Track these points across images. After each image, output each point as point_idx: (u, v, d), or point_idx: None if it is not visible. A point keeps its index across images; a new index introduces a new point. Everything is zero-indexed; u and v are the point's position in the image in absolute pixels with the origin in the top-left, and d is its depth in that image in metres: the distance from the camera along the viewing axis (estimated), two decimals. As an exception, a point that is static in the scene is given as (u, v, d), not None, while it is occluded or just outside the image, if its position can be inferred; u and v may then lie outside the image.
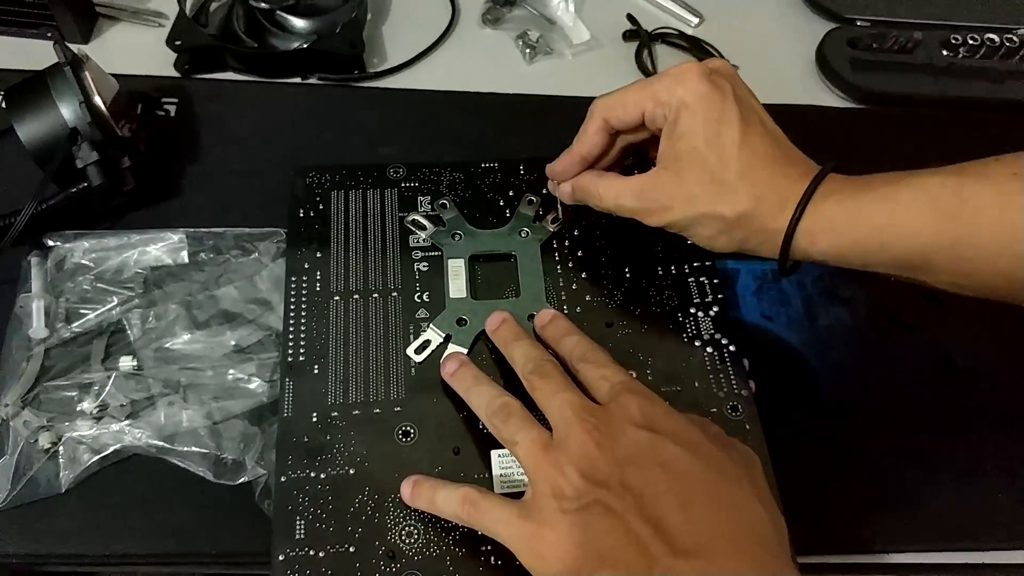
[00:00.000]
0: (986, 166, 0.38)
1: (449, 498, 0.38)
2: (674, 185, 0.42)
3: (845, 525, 0.45)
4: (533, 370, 0.40)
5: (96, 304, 0.47)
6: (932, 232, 0.38)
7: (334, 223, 0.49)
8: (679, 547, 0.32)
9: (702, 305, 0.47)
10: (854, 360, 0.51)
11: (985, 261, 0.37)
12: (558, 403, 0.37)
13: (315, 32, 0.61)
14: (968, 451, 0.47)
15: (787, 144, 0.42)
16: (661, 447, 0.35)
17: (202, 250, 0.50)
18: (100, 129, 0.48)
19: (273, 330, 0.47)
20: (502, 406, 0.38)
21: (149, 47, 0.60)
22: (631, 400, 0.36)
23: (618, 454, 0.34)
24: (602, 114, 0.44)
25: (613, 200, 0.44)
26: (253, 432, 0.44)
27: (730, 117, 0.41)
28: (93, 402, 0.44)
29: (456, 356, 0.43)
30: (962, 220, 0.37)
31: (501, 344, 0.43)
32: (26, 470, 0.42)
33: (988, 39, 0.65)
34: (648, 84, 0.43)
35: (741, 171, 0.40)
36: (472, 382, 0.41)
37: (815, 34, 0.67)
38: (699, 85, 0.41)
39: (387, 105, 0.60)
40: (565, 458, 0.35)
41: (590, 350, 0.41)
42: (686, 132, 0.41)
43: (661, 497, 0.33)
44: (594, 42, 0.66)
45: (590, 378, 0.39)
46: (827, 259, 0.41)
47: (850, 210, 0.39)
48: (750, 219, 0.41)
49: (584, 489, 0.34)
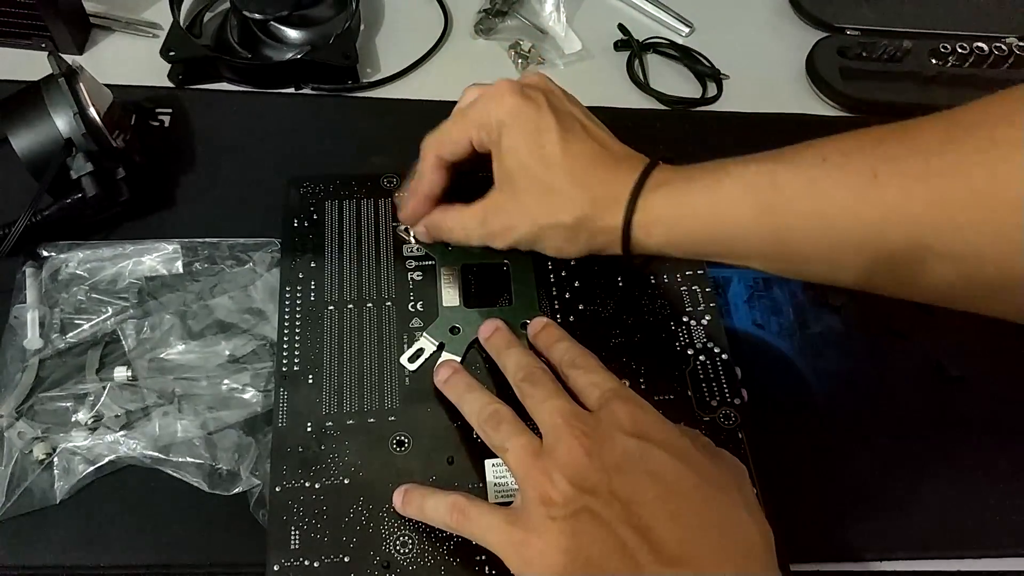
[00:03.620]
0: (798, 152, 0.38)
1: (438, 506, 0.38)
2: (512, 204, 0.43)
3: (836, 533, 0.45)
4: (524, 377, 0.40)
5: (91, 315, 0.47)
6: (752, 222, 0.39)
7: (328, 233, 0.49)
8: (666, 555, 0.32)
9: (694, 314, 0.48)
10: (845, 368, 0.51)
11: (804, 249, 0.38)
12: (548, 410, 0.37)
13: (309, 43, 0.61)
14: (959, 459, 0.48)
15: (614, 143, 0.43)
16: (650, 455, 0.35)
17: (196, 260, 0.50)
18: (95, 140, 0.48)
19: (267, 340, 0.47)
20: (493, 413, 0.39)
21: (143, 57, 0.60)
22: (621, 407, 0.36)
23: (607, 461, 0.34)
24: (433, 152, 0.45)
25: (461, 232, 0.46)
26: (248, 442, 0.44)
27: (548, 126, 0.42)
28: (88, 413, 0.44)
29: (449, 364, 0.43)
30: (777, 209, 0.38)
31: (494, 352, 0.43)
32: (20, 481, 0.42)
33: (977, 47, 0.66)
34: (467, 112, 0.44)
35: (570, 177, 0.41)
36: (464, 389, 0.41)
37: (805, 43, 0.68)
38: (512, 101, 0.42)
39: (381, 115, 0.60)
40: (554, 465, 0.35)
41: (580, 356, 0.41)
42: (510, 149, 0.42)
43: (649, 505, 0.33)
44: (585, 52, 0.67)
45: (580, 384, 0.39)
46: (664, 250, 0.42)
47: (677, 202, 0.40)
48: (589, 221, 0.42)
49: (572, 496, 0.34)
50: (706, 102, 0.65)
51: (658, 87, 0.65)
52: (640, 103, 0.64)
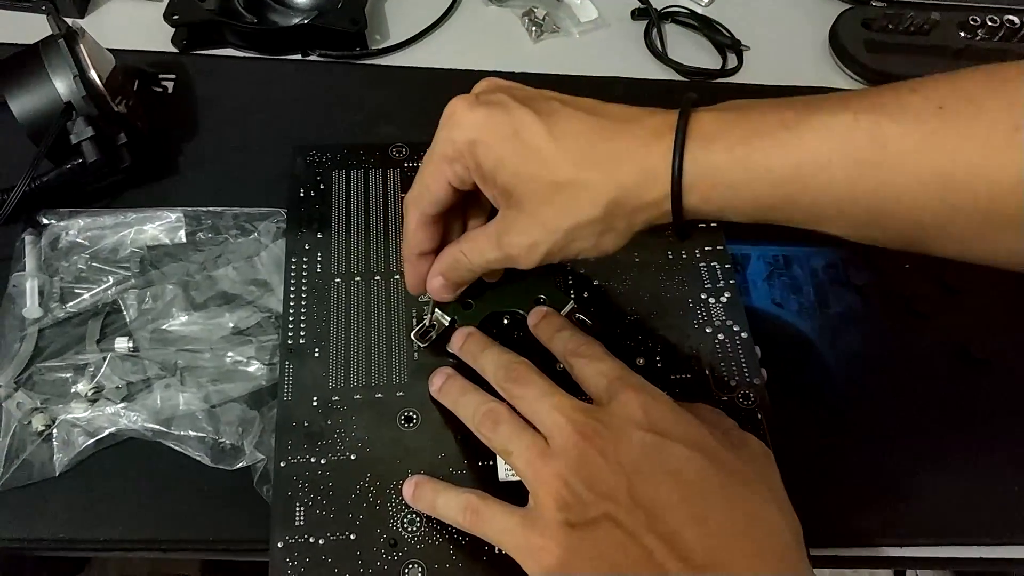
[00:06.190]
0: (900, 96, 0.32)
1: (450, 503, 0.36)
2: (523, 218, 0.36)
3: (855, 517, 0.43)
4: (505, 377, 0.38)
5: (91, 284, 0.46)
6: (846, 183, 0.32)
7: (335, 203, 0.48)
8: (695, 562, 0.30)
9: (713, 291, 0.46)
10: (866, 349, 0.49)
11: (908, 213, 0.32)
12: (546, 409, 0.35)
13: (316, 8, 0.60)
14: (983, 443, 0.46)
15: (607, 107, 0.36)
16: (669, 451, 0.33)
17: (200, 230, 0.49)
18: (95, 104, 0.47)
19: (272, 312, 0.46)
20: (487, 413, 0.37)
21: (146, 22, 0.59)
22: (633, 398, 0.35)
23: (623, 461, 0.33)
24: (413, 210, 0.39)
25: (480, 258, 0.39)
26: (252, 416, 0.43)
27: (523, 122, 0.35)
28: (88, 384, 0.43)
29: (442, 370, 0.41)
30: (883, 167, 0.31)
31: (470, 359, 0.41)
32: (19, 453, 0.41)
33: (1008, 20, 0.63)
34: (433, 152, 0.37)
35: (573, 163, 0.35)
36: (458, 393, 0.40)
37: (828, 14, 0.66)
38: (473, 117, 0.36)
39: (389, 83, 0.59)
40: (567, 467, 0.33)
41: (584, 344, 0.39)
42: (494, 166, 0.36)
43: (673, 509, 0.32)
44: (602, 20, 0.65)
45: (586, 374, 0.38)
46: (724, 215, 0.35)
47: (742, 160, 0.33)
48: (623, 202, 0.35)
49: (591, 501, 0.32)
50: (726, 74, 0.63)
51: (676, 58, 0.63)
52: (657, 74, 0.63)
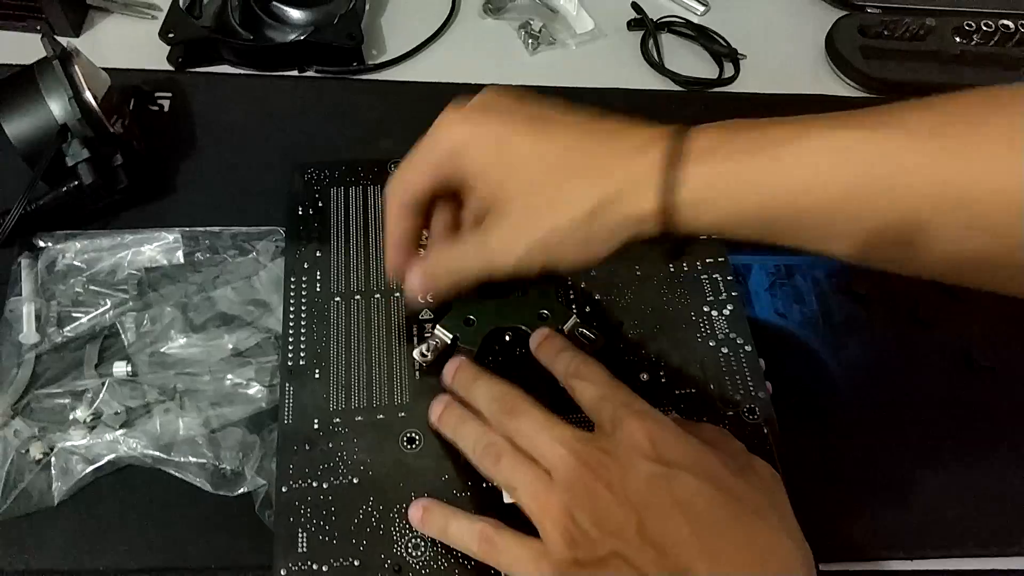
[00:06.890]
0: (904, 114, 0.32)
1: (463, 531, 0.36)
2: (504, 222, 0.37)
3: (861, 529, 0.43)
4: (499, 409, 0.37)
5: (89, 307, 0.46)
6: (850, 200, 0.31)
7: (334, 221, 0.48)
8: None
9: (716, 303, 0.46)
10: (870, 358, 0.49)
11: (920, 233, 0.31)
12: (547, 441, 0.35)
13: (312, 23, 0.59)
14: (989, 451, 0.46)
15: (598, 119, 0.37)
16: (677, 482, 0.32)
17: (198, 250, 0.48)
18: (91, 125, 0.46)
19: (272, 332, 0.46)
20: (488, 447, 0.36)
21: (141, 40, 0.59)
22: (638, 427, 0.34)
23: (631, 495, 0.32)
24: (394, 200, 0.39)
25: (462, 263, 0.39)
26: (252, 440, 0.42)
27: (508, 132, 0.36)
28: (86, 410, 0.42)
29: (440, 399, 0.40)
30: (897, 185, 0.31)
31: (462, 391, 0.40)
32: (17, 482, 0.40)
33: (1002, 25, 0.63)
34: (416, 154, 0.38)
35: (559, 168, 0.35)
36: (457, 422, 0.39)
37: (825, 21, 0.66)
38: (460, 129, 0.37)
39: (387, 98, 0.58)
40: (573, 501, 0.33)
41: (585, 366, 0.38)
42: (478, 176, 0.37)
43: (684, 544, 0.31)
44: (598, 31, 0.65)
45: (588, 398, 0.37)
46: (720, 231, 0.34)
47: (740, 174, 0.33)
48: (608, 208, 0.34)
49: (599, 539, 0.32)
50: (723, 83, 0.63)
51: (673, 68, 0.63)
52: (655, 84, 0.63)
